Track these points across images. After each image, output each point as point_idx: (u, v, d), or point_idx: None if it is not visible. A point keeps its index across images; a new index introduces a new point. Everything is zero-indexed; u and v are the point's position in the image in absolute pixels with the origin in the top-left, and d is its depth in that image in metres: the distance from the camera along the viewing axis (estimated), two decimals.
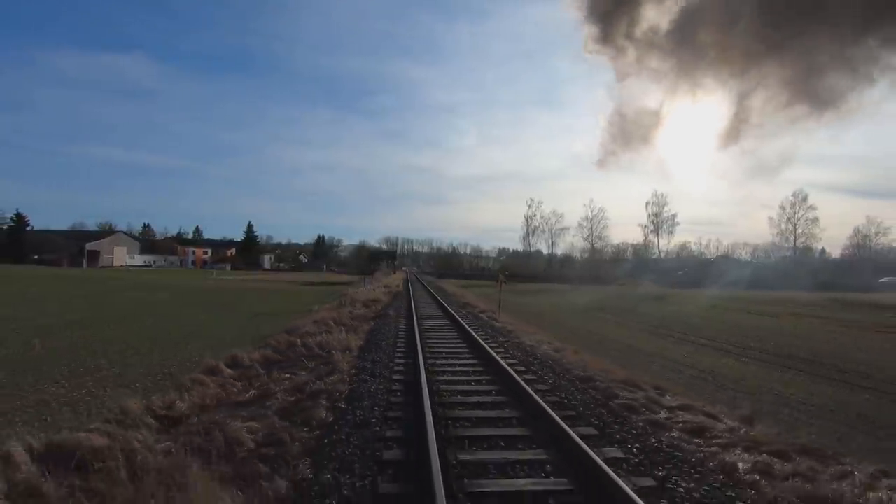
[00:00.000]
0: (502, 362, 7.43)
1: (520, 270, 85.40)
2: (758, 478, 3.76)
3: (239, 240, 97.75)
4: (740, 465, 3.99)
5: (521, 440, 4.40)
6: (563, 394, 6.21)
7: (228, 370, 8.23)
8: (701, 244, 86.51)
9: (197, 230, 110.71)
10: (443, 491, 3.07)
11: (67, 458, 4.02)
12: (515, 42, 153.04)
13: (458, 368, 7.54)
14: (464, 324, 12.29)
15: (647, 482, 3.61)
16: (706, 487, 3.57)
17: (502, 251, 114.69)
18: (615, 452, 4.17)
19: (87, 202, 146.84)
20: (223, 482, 3.51)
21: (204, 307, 20.02)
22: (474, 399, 5.75)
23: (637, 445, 4.38)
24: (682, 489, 3.53)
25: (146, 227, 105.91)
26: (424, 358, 7.85)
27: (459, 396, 5.85)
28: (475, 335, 10.25)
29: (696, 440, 4.70)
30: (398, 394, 5.98)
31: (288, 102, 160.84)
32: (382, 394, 5.93)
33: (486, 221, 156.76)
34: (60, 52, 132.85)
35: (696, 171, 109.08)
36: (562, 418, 4.67)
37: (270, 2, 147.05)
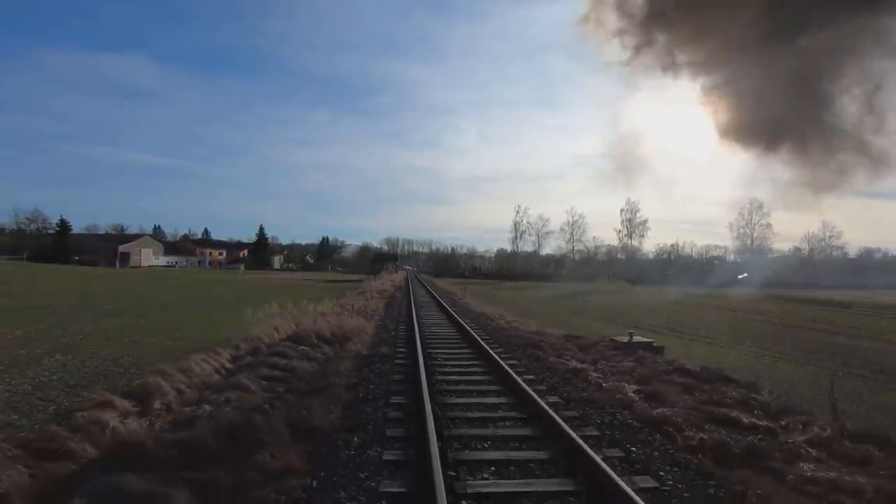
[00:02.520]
0: (451, 311, 17.11)
1: (514, 270, 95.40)
2: (507, 328, 13.45)
3: (246, 240, 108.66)
4: (503, 325, 13.66)
5: (444, 324, 14.12)
6: (468, 318, 15.92)
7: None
8: (678, 245, 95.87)
9: (206, 232, 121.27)
10: (416, 325, 12.73)
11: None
12: (514, 42, 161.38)
13: (430, 312, 17.27)
14: (440, 300, 21.97)
15: (478, 330, 13.28)
16: (497, 332, 13.28)
17: (501, 252, 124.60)
18: (472, 325, 13.86)
19: (89, 203, 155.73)
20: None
21: (269, 293, 29.66)
22: (434, 319, 15.48)
23: (482, 327, 14.13)
24: (487, 332, 13.24)
25: (157, 228, 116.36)
26: (416, 310, 17.54)
27: (429, 320, 15.56)
28: (444, 303, 19.93)
29: (507, 326, 14.35)
30: (404, 315, 15.70)
31: (287, 103, 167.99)
32: (397, 315, 15.66)
33: (485, 221, 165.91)
34: (59, 52, 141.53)
35: (692, 174, 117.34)
36: (462, 320, 14.33)
37: (269, 2, 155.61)
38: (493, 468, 3.97)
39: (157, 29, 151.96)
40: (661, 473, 3.93)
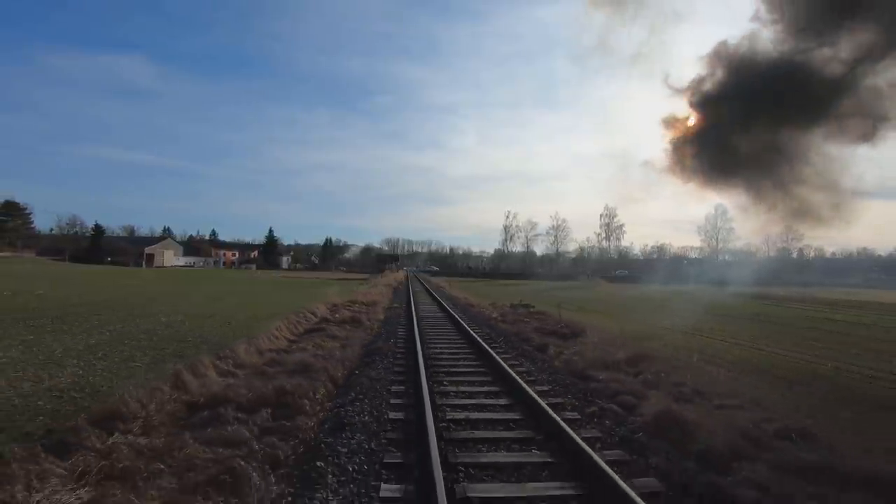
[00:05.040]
0: (437, 296, 27.30)
1: (508, 270, 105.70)
2: (464, 302, 23.64)
3: (250, 241, 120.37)
4: (463, 301, 23.84)
5: (429, 300, 24.32)
6: (445, 299, 26.10)
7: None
8: (658, 246, 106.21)
9: (213, 233, 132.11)
10: (412, 300, 22.85)
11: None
12: (514, 42, 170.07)
13: (424, 299, 27.48)
14: (432, 291, 32.17)
15: (448, 303, 23.45)
16: (457, 304, 23.48)
17: (497, 252, 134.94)
18: (446, 301, 24.02)
19: (90, 203, 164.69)
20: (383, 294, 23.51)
21: (306, 286, 39.82)
22: (424, 299, 25.69)
23: (451, 302, 24.35)
24: (455, 309, 23.44)
25: (166, 230, 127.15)
26: (413, 297, 27.71)
27: (421, 301, 25.76)
28: (434, 294, 30.12)
29: (465, 301, 24.49)
30: (405, 298, 25.92)
31: (288, 103, 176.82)
32: (401, 297, 25.89)
33: (485, 221, 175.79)
34: (58, 52, 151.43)
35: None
36: (440, 298, 24.49)
37: (270, 3, 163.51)
38: (432, 321, 14.23)
39: (157, 30, 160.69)
40: (483, 327, 14.15)
